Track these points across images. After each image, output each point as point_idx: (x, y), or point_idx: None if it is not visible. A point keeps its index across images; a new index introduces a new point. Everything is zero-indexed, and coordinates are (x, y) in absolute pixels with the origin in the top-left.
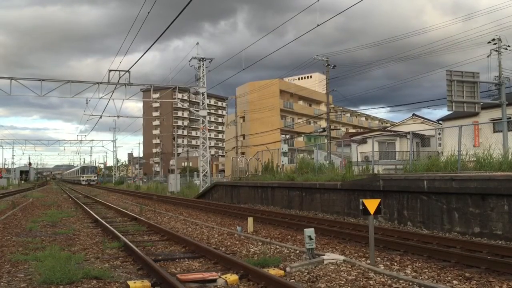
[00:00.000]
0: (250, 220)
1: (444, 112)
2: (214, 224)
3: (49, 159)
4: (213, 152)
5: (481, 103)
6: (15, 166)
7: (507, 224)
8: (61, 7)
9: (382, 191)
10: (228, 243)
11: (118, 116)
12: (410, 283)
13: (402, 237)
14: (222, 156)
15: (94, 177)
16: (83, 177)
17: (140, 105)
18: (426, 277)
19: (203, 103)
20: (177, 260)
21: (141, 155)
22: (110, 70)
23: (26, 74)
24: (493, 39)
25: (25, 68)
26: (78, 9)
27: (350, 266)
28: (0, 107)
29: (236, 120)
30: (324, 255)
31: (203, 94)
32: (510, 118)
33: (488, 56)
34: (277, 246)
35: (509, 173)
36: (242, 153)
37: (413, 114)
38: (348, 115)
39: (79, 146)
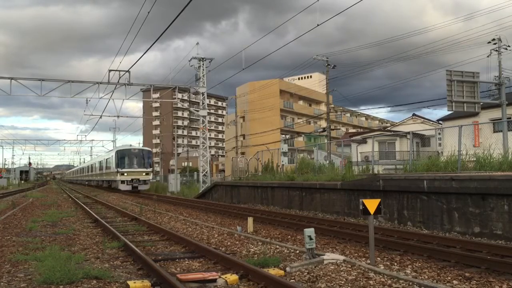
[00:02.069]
0: (250, 220)
1: (444, 112)
2: (214, 224)
3: (49, 159)
4: (213, 152)
5: (481, 103)
6: (15, 166)
7: (507, 224)
8: (63, 7)
9: (382, 191)
10: (228, 243)
11: (118, 116)
12: (410, 283)
13: (402, 237)
14: (222, 156)
15: (146, 174)
16: (124, 174)
17: (140, 105)
18: (426, 277)
19: (203, 103)
20: (177, 260)
21: None
22: (110, 70)
23: (27, 74)
24: (493, 39)
25: (26, 68)
26: (80, 9)
27: (350, 266)
28: (1, 107)
29: (236, 120)
30: (324, 255)
31: (203, 94)
32: (510, 118)
33: (488, 56)
34: (277, 246)
35: (509, 173)
36: (242, 153)
37: (413, 114)
38: (348, 115)
39: (79, 146)
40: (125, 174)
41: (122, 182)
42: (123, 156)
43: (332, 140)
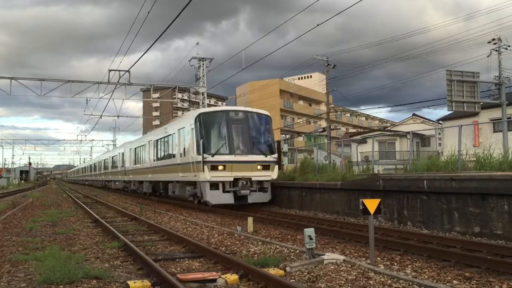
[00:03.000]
0: (250, 220)
1: (444, 112)
2: (214, 224)
3: (49, 159)
4: None
5: (481, 103)
6: (15, 166)
7: (507, 224)
8: (64, 7)
9: (382, 191)
10: (228, 243)
11: (118, 116)
12: (410, 283)
13: (402, 237)
14: None
15: (265, 167)
16: (217, 167)
17: (140, 105)
18: (426, 277)
19: (203, 103)
20: (177, 260)
21: None
22: (110, 70)
23: (27, 74)
24: (493, 39)
25: (26, 68)
26: (81, 9)
27: (350, 266)
28: (1, 107)
29: None
30: (324, 255)
31: (203, 94)
32: (510, 118)
33: (488, 56)
34: (277, 246)
35: (509, 173)
36: None
37: (413, 114)
38: (348, 115)
39: (79, 146)
40: (221, 168)
41: (213, 186)
42: (216, 127)
43: (332, 140)
